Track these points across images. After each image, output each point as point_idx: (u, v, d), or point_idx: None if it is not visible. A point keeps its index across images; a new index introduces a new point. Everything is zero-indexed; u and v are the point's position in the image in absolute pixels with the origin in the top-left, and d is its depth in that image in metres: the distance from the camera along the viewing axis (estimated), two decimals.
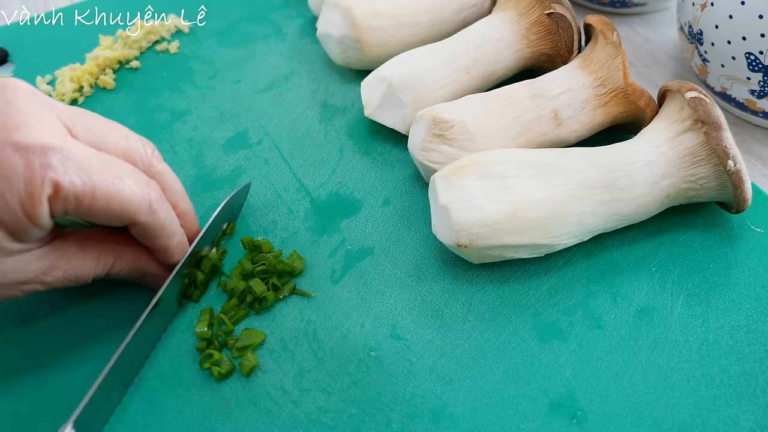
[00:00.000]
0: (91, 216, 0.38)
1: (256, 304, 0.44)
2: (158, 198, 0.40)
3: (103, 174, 0.37)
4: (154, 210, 0.40)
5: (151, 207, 0.39)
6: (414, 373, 0.42)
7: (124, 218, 0.39)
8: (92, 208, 0.37)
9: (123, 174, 0.38)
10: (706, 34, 0.55)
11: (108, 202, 0.37)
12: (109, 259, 0.42)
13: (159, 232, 0.41)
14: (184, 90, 0.60)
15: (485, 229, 0.42)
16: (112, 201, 0.37)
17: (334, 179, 0.53)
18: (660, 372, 0.41)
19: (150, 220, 0.40)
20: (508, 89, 0.50)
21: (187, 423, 0.40)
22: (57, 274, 0.39)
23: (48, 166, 0.35)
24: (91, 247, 0.41)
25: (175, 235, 0.42)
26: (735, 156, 0.43)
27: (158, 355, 0.43)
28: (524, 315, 0.44)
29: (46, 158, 0.35)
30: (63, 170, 0.35)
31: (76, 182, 0.36)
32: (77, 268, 0.40)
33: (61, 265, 0.39)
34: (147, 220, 0.40)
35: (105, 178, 0.37)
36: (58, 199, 0.36)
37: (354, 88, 0.60)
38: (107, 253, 0.42)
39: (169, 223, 0.41)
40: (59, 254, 0.39)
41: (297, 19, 0.67)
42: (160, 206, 0.40)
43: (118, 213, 0.38)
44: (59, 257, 0.39)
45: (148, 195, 0.39)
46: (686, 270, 0.46)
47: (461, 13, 0.59)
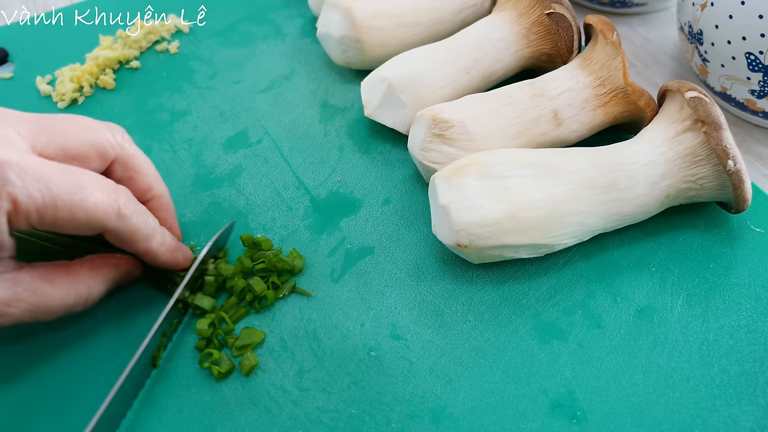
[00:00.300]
0: (58, 227, 0.37)
1: (256, 302, 0.44)
2: (127, 202, 0.40)
3: (63, 185, 0.37)
4: (123, 215, 0.39)
5: (120, 212, 0.39)
6: (414, 373, 0.42)
7: (92, 226, 0.38)
8: (56, 219, 0.37)
9: (86, 183, 0.38)
10: (706, 34, 0.55)
11: (72, 212, 0.37)
12: (82, 291, 0.41)
13: (134, 236, 0.40)
14: (184, 90, 0.60)
15: (485, 229, 0.42)
16: (75, 211, 0.37)
17: (333, 178, 0.53)
18: (660, 372, 0.41)
19: (121, 225, 0.39)
20: (508, 89, 0.50)
21: (187, 422, 0.40)
22: (21, 306, 0.38)
23: (5, 180, 0.35)
24: (59, 279, 0.40)
25: (155, 236, 0.42)
26: (735, 156, 0.43)
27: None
28: (524, 315, 0.44)
29: (3, 173, 0.35)
30: (21, 185, 0.35)
31: (35, 196, 0.35)
32: (44, 301, 0.39)
33: (25, 296, 0.38)
34: (117, 226, 0.39)
35: (66, 188, 0.37)
36: (19, 213, 0.35)
37: (354, 88, 0.60)
38: (79, 283, 0.41)
39: (144, 225, 0.41)
40: (23, 286, 0.38)
41: (297, 19, 0.67)
42: (130, 210, 0.40)
43: (85, 222, 0.38)
44: (23, 289, 0.38)
45: (116, 201, 0.39)
46: (686, 270, 0.46)
47: (461, 13, 0.59)
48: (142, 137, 0.56)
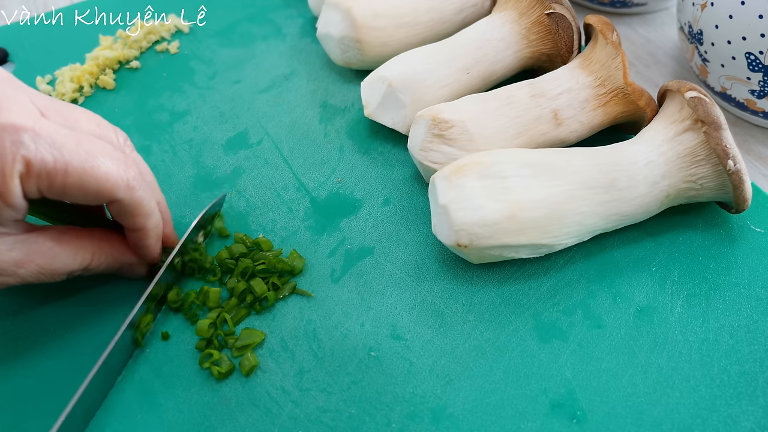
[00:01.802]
0: (67, 194, 0.38)
1: (257, 303, 0.44)
2: (137, 176, 0.40)
3: (76, 151, 0.37)
4: (132, 187, 0.40)
5: (129, 184, 0.39)
6: (414, 373, 0.42)
7: (102, 195, 0.39)
8: (65, 185, 0.37)
9: (98, 152, 0.38)
10: (706, 34, 0.55)
11: (81, 179, 0.37)
12: (86, 256, 0.42)
13: (138, 210, 0.41)
14: (184, 90, 0.60)
15: (485, 229, 0.42)
16: (86, 178, 0.37)
17: (334, 179, 0.53)
18: (660, 372, 0.41)
19: (129, 196, 0.40)
20: (507, 89, 0.50)
21: (187, 423, 0.40)
22: (31, 267, 0.39)
23: (19, 143, 0.35)
24: (68, 243, 0.41)
25: (153, 215, 0.42)
26: (735, 156, 0.43)
27: (157, 354, 0.43)
28: (524, 315, 0.44)
29: (17, 136, 0.35)
30: (35, 148, 0.36)
31: (47, 159, 0.36)
32: (52, 263, 0.40)
33: (35, 258, 0.39)
34: (126, 196, 0.40)
35: (78, 155, 0.37)
36: (30, 176, 0.36)
37: (354, 88, 0.60)
38: (84, 249, 0.42)
39: (148, 201, 0.41)
40: (34, 247, 0.39)
41: (297, 19, 0.67)
42: (138, 183, 0.40)
43: (95, 190, 0.38)
44: (34, 251, 0.39)
45: (126, 172, 0.39)
46: (686, 270, 0.46)
47: (461, 13, 0.59)
48: (142, 137, 0.56)
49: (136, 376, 0.42)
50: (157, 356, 0.43)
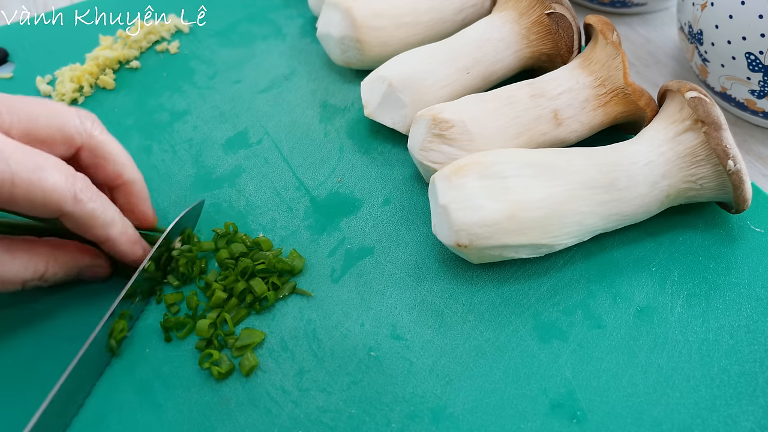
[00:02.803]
0: (15, 205, 0.38)
1: (257, 303, 0.44)
2: (84, 188, 0.40)
3: (23, 163, 0.37)
4: (79, 199, 0.39)
5: (76, 197, 0.39)
6: (414, 373, 0.42)
7: (49, 208, 0.39)
8: (13, 196, 0.37)
9: (46, 165, 0.38)
10: (706, 34, 0.55)
11: (28, 191, 0.37)
12: (39, 265, 0.41)
13: (93, 222, 0.41)
14: (184, 90, 0.60)
15: (485, 229, 0.42)
16: (33, 189, 0.37)
17: (333, 178, 0.53)
18: (660, 372, 0.41)
19: (77, 209, 0.40)
20: (507, 89, 0.50)
21: (187, 423, 0.40)
22: None
23: None
24: (19, 252, 0.41)
25: (114, 224, 0.42)
26: (735, 156, 0.43)
27: (157, 355, 0.43)
28: (524, 315, 0.44)
29: None
30: None
31: None
32: (3, 272, 0.40)
33: None
34: (74, 210, 0.39)
35: (26, 166, 0.37)
36: None
37: (354, 88, 0.60)
38: (37, 257, 0.41)
39: (102, 212, 0.41)
40: None
41: (297, 19, 0.67)
42: (87, 195, 0.40)
43: (42, 202, 0.38)
44: None
45: (73, 185, 0.39)
46: (686, 270, 0.46)
47: (461, 13, 0.59)
48: (142, 137, 0.56)
49: (136, 376, 0.42)
50: (157, 356, 0.43)
